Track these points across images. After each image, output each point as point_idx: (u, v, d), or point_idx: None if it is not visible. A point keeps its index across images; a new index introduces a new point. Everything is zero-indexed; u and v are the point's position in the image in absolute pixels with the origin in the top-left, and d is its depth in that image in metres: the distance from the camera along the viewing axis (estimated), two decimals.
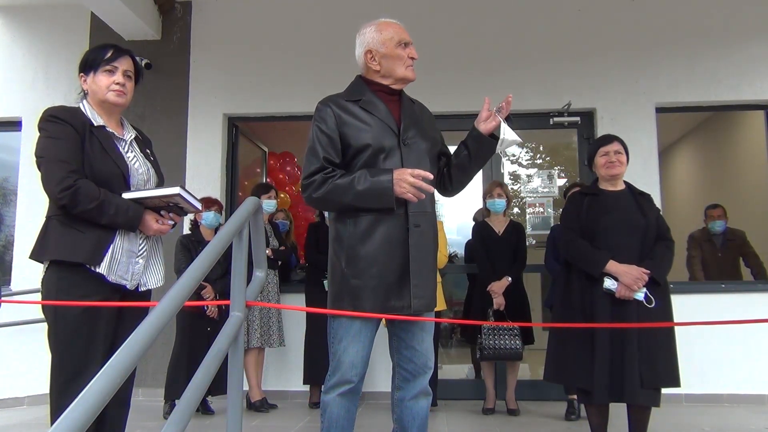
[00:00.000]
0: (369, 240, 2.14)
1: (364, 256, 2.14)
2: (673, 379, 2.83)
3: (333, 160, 2.17)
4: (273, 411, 4.62)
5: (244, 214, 2.10)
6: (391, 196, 2.08)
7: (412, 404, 2.22)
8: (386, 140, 2.17)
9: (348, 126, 2.17)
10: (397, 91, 2.31)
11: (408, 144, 2.19)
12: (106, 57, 2.24)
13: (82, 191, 2.06)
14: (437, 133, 2.36)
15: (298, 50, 5.44)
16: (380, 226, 2.14)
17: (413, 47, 2.29)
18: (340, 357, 2.15)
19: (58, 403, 2.05)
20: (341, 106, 2.21)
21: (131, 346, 1.25)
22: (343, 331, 2.16)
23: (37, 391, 4.83)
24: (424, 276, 2.17)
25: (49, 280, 2.12)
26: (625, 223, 2.93)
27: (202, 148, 5.47)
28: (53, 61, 5.63)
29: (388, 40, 2.26)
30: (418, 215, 2.17)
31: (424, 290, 2.16)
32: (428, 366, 2.24)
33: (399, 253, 2.13)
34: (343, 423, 2.17)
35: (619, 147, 3.05)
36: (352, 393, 2.17)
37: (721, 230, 5.46)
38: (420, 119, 2.30)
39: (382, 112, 2.21)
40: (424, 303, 2.16)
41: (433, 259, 2.24)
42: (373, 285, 2.13)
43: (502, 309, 4.37)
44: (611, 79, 5.31)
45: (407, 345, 2.22)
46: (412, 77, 2.28)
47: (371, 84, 2.28)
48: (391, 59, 2.25)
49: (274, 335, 4.67)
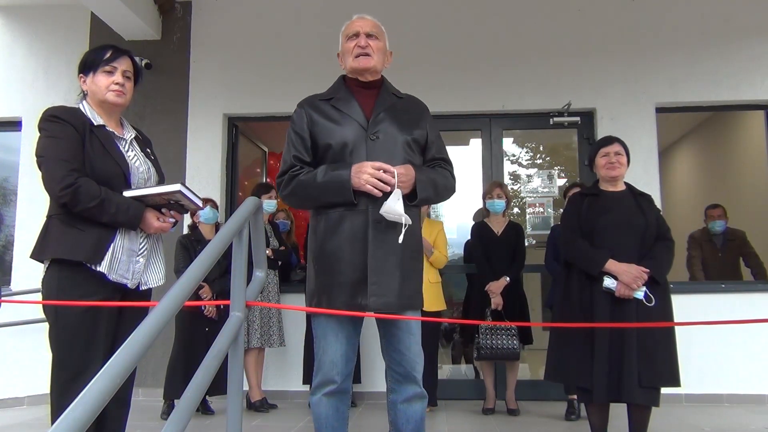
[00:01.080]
0: (335, 236, 2.14)
1: (329, 253, 2.14)
2: (672, 379, 2.83)
3: (303, 158, 2.20)
4: (273, 411, 4.62)
5: (244, 214, 2.11)
6: (348, 190, 2.08)
7: (405, 407, 2.19)
8: (352, 135, 2.16)
9: (317, 125, 2.20)
10: (373, 85, 2.29)
11: (376, 138, 2.16)
12: (105, 57, 2.25)
13: (83, 189, 2.06)
14: (424, 129, 2.28)
15: (298, 50, 5.44)
16: (345, 222, 2.13)
17: (365, 37, 2.25)
18: (321, 357, 2.16)
19: (58, 402, 2.05)
20: (314, 105, 2.25)
21: (131, 346, 1.25)
22: (321, 330, 2.17)
23: (37, 391, 4.83)
24: (386, 273, 2.09)
25: (50, 280, 2.12)
26: (625, 223, 2.93)
27: (202, 148, 5.47)
28: (53, 61, 5.63)
29: (343, 37, 2.32)
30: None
31: (384, 288, 2.08)
32: (416, 370, 2.17)
33: (362, 250, 2.10)
34: (333, 423, 2.16)
35: (620, 148, 3.06)
36: (339, 393, 2.16)
37: (721, 230, 5.46)
38: (401, 113, 2.25)
39: (352, 107, 2.21)
40: (383, 302, 2.08)
41: (401, 256, 2.13)
42: (339, 282, 2.12)
43: (500, 309, 4.37)
44: (611, 79, 5.31)
45: (394, 347, 2.18)
46: (357, 66, 2.23)
47: (348, 81, 2.32)
48: (344, 54, 2.30)
49: (274, 335, 4.67)
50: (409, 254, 2.17)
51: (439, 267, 4.60)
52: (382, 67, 2.31)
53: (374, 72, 2.28)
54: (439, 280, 4.61)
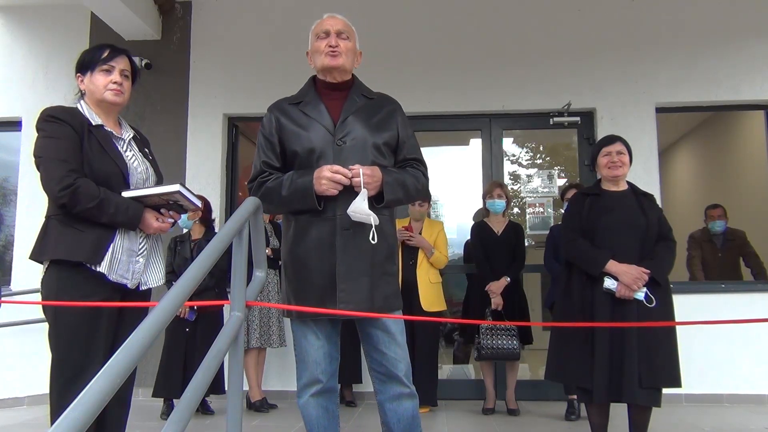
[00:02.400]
0: (302, 242, 2.15)
1: (297, 259, 2.15)
2: (673, 380, 2.83)
3: (272, 164, 2.21)
4: (273, 411, 4.62)
5: (244, 214, 2.10)
6: (312, 197, 2.07)
7: (395, 406, 2.17)
8: (320, 141, 2.15)
9: (285, 131, 2.20)
10: (343, 86, 2.27)
11: (343, 144, 2.14)
12: (102, 57, 2.24)
13: (82, 190, 2.06)
14: (394, 131, 2.24)
15: (298, 50, 5.39)
16: (312, 229, 2.13)
17: (335, 36, 2.23)
18: (303, 358, 2.17)
19: (58, 403, 2.05)
20: (282, 110, 2.24)
21: (131, 346, 1.25)
22: (300, 332, 2.18)
23: (37, 391, 4.83)
24: (353, 280, 2.09)
25: (50, 280, 2.11)
26: (626, 223, 2.93)
27: (202, 148, 5.46)
28: (53, 61, 5.63)
29: (313, 36, 2.31)
30: (349, 218, 2.07)
31: (353, 295, 2.08)
32: (398, 369, 2.14)
33: (329, 257, 2.10)
34: (324, 423, 2.16)
35: (622, 147, 3.05)
36: (326, 392, 2.16)
37: (721, 230, 5.46)
38: (371, 115, 2.21)
39: (319, 112, 2.20)
40: (353, 308, 2.07)
41: (371, 262, 2.12)
42: (306, 287, 2.13)
43: (500, 309, 4.37)
44: (611, 79, 5.30)
45: (374, 348, 2.17)
46: (328, 63, 2.21)
47: (318, 83, 2.30)
48: (314, 53, 2.29)
49: (274, 335, 4.67)
50: (380, 259, 2.15)
51: (439, 267, 4.60)
52: (351, 67, 2.29)
53: (343, 72, 2.26)
54: (439, 280, 4.61)
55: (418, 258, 4.53)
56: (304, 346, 2.17)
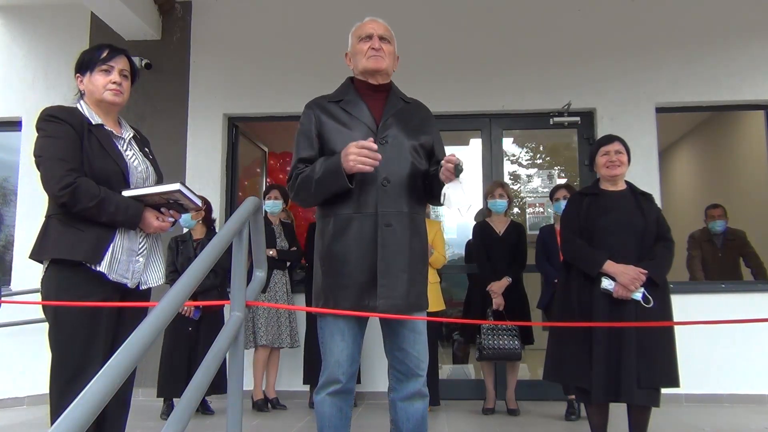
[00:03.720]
0: (342, 238, 2.15)
1: (336, 255, 2.16)
2: (671, 380, 2.83)
3: (311, 159, 2.22)
4: (274, 411, 4.62)
5: (244, 214, 2.10)
6: (342, 175, 2.08)
7: (407, 405, 2.20)
8: (361, 139, 2.15)
9: (326, 127, 2.22)
10: (383, 89, 2.30)
11: (386, 143, 2.18)
12: (101, 57, 2.24)
13: (82, 189, 2.06)
14: (430, 134, 2.32)
15: (298, 50, 5.44)
16: (353, 225, 2.15)
17: (378, 39, 2.26)
18: (326, 356, 2.18)
19: (58, 403, 2.05)
20: (323, 107, 2.26)
21: (131, 346, 1.25)
22: (327, 330, 2.18)
23: (37, 391, 4.83)
24: (394, 276, 2.13)
25: (50, 280, 2.12)
26: (624, 223, 2.93)
27: (202, 148, 5.46)
28: (53, 61, 5.63)
29: (354, 38, 2.33)
30: (390, 214, 2.14)
31: (393, 290, 2.12)
32: (420, 368, 2.19)
33: (370, 253, 2.12)
34: (336, 423, 2.17)
35: (620, 147, 3.05)
36: (343, 393, 2.17)
37: (721, 230, 5.46)
38: (409, 118, 2.28)
39: (361, 111, 2.23)
40: (392, 303, 2.11)
41: (409, 259, 2.17)
42: (345, 284, 2.14)
43: (501, 309, 4.37)
44: (611, 79, 5.30)
45: (398, 346, 2.20)
46: (370, 66, 2.25)
47: (357, 83, 2.32)
48: (356, 55, 2.31)
49: (284, 334, 4.63)
50: (416, 257, 2.21)
51: (437, 267, 4.59)
52: (392, 71, 2.34)
53: (385, 74, 2.31)
54: (437, 280, 4.60)
55: None
56: (329, 345, 2.17)
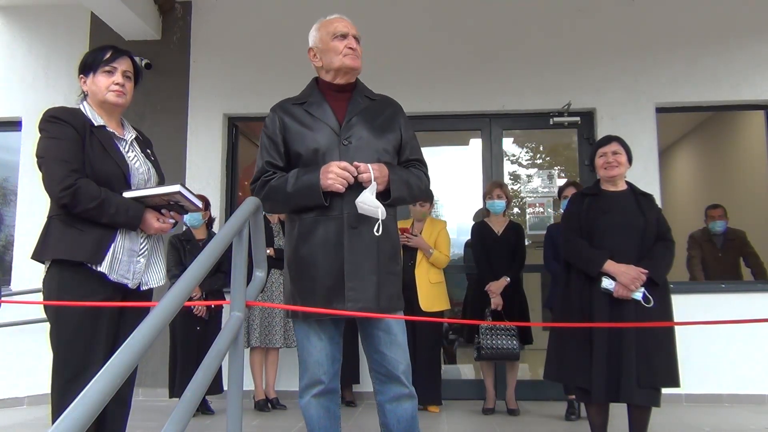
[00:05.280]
0: (308, 241, 2.14)
1: (303, 259, 2.15)
2: (671, 380, 2.83)
3: (275, 163, 2.21)
4: (274, 411, 4.62)
5: (244, 214, 2.10)
6: (318, 192, 2.07)
7: (394, 407, 2.17)
8: (325, 141, 2.16)
9: (289, 131, 2.20)
10: (347, 88, 2.28)
11: (349, 143, 2.16)
12: (105, 58, 2.25)
13: (83, 190, 2.07)
14: (398, 132, 2.27)
15: (299, 50, 5.40)
16: (319, 228, 2.13)
17: (354, 39, 2.25)
18: (305, 358, 2.17)
19: (59, 402, 2.05)
20: (286, 110, 2.24)
21: (131, 346, 1.25)
22: (302, 333, 2.18)
23: (37, 391, 4.83)
24: (361, 279, 2.09)
25: (51, 280, 2.12)
26: (624, 223, 2.93)
27: (202, 148, 5.47)
28: (53, 61, 5.63)
29: (326, 35, 2.28)
30: (356, 217, 2.09)
31: (361, 293, 2.09)
32: (399, 370, 2.14)
33: (336, 256, 2.10)
34: (326, 424, 2.16)
35: (618, 147, 3.05)
36: (328, 393, 2.17)
37: (721, 230, 5.46)
38: (374, 116, 2.24)
39: (324, 112, 2.21)
40: (360, 307, 2.08)
41: (377, 261, 2.13)
42: (312, 287, 2.12)
43: (499, 309, 4.37)
44: (611, 79, 5.31)
45: (375, 348, 2.17)
46: (348, 64, 2.22)
47: (321, 84, 2.31)
48: (328, 52, 2.26)
49: (276, 335, 4.63)
50: (385, 258, 2.16)
51: (440, 267, 4.59)
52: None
53: (356, 73, 2.29)
54: (441, 279, 4.59)
55: (416, 258, 4.53)
56: (306, 347, 2.17)
